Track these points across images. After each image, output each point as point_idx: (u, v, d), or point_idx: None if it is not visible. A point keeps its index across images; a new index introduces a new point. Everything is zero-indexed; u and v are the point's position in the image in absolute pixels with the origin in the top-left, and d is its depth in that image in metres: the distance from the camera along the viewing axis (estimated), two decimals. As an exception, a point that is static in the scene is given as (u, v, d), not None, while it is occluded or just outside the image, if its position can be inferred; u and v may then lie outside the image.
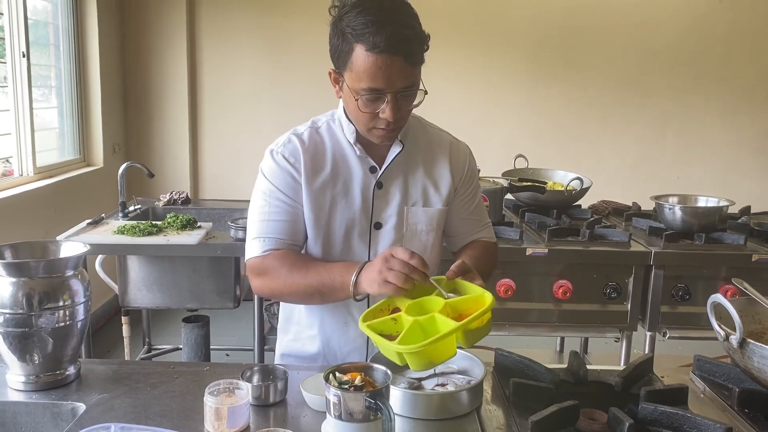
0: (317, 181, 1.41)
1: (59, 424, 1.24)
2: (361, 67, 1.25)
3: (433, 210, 1.47)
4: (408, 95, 1.31)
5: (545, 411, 1.13)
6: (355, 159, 1.43)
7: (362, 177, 1.43)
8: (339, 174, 1.43)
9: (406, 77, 1.27)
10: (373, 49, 1.23)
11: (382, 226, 1.45)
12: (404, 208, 1.45)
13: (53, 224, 3.36)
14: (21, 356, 1.28)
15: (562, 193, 2.81)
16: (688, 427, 1.12)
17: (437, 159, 1.48)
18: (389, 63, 1.24)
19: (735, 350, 1.24)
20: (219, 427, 1.13)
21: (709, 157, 4.80)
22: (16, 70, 3.45)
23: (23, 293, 1.26)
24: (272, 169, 1.42)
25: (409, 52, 1.25)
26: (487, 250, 1.57)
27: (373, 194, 1.43)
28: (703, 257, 2.41)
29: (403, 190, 1.45)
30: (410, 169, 1.46)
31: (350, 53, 1.26)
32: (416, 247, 1.44)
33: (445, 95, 4.68)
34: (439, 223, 1.49)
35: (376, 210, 1.44)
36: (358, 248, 1.45)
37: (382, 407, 1.02)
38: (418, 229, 1.46)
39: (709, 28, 4.64)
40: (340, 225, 1.43)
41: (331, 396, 1.05)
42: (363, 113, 1.31)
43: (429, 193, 1.47)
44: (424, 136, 1.50)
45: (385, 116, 1.29)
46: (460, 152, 1.52)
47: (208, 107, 4.72)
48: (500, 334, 2.42)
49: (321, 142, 1.44)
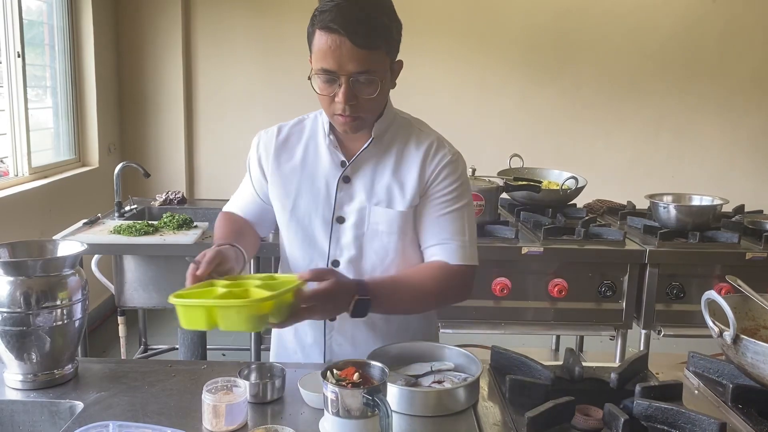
0: (287, 166, 1.46)
1: (57, 422, 1.24)
2: (315, 46, 1.29)
3: (393, 212, 1.41)
4: (365, 83, 1.30)
5: (541, 407, 1.13)
6: (326, 151, 1.44)
7: (330, 169, 1.43)
8: (307, 163, 1.45)
9: (358, 62, 1.27)
10: (323, 28, 1.26)
11: (345, 221, 1.43)
12: (366, 206, 1.42)
13: (48, 224, 3.36)
14: (18, 355, 1.28)
15: (558, 192, 2.83)
16: (683, 422, 1.13)
17: (410, 159, 1.43)
18: (338, 43, 1.25)
19: (729, 346, 1.25)
20: (217, 425, 1.13)
21: (703, 156, 4.82)
22: (10, 70, 3.45)
23: (21, 292, 1.26)
24: (251, 153, 1.53)
25: (356, 33, 1.24)
26: (436, 272, 1.41)
27: (337, 187, 1.43)
28: (698, 256, 2.42)
29: (369, 187, 1.42)
30: (379, 167, 1.43)
31: (313, 35, 1.30)
32: (376, 248, 1.43)
33: (440, 95, 4.70)
34: (401, 227, 1.42)
35: (339, 204, 1.43)
36: (320, 240, 1.45)
37: (379, 404, 1.02)
38: (379, 230, 1.43)
39: (703, 28, 4.66)
40: (305, 214, 1.45)
41: (328, 393, 1.06)
42: (320, 96, 1.33)
43: (393, 194, 1.42)
44: (406, 136, 1.45)
45: (338, 100, 1.30)
46: (438, 154, 1.43)
47: (204, 107, 4.72)
48: (496, 333, 2.43)
49: (300, 132, 1.49)
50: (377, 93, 1.32)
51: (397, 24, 1.34)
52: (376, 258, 1.44)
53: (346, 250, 1.44)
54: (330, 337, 1.48)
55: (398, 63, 1.38)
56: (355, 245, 1.43)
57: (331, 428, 1.07)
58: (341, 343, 1.48)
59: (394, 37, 1.33)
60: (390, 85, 1.39)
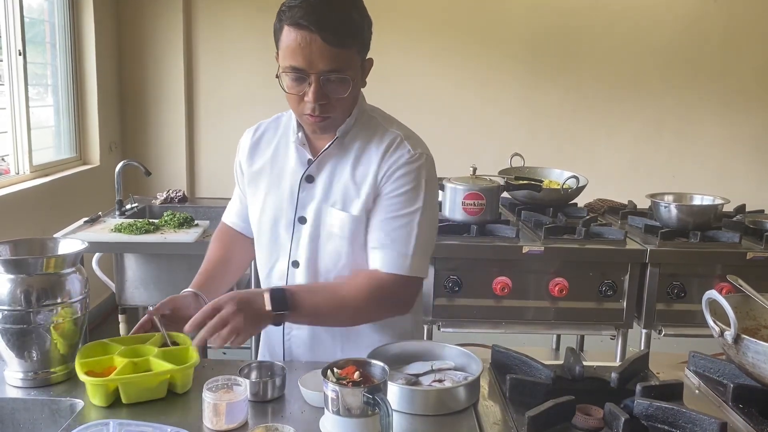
0: (256, 165, 1.46)
1: (58, 420, 1.24)
2: (285, 42, 1.26)
3: (346, 215, 1.36)
4: (336, 82, 1.26)
5: (542, 406, 1.13)
6: (294, 149, 1.41)
7: (295, 167, 1.41)
8: (276, 161, 1.44)
9: (329, 60, 1.23)
10: (292, 24, 1.23)
11: (306, 221, 1.40)
12: (323, 207, 1.38)
13: (49, 223, 3.36)
14: (19, 353, 1.28)
15: (558, 192, 2.82)
16: (684, 422, 1.13)
17: (369, 158, 1.36)
18: (308, 41, 1.22)
19: (730, 346, 1.25)
20: (217, 423, 1.13)
21: (704, 156, 4.82)
22: (12, 68, 3.45)
23: (21, 290, 1.25)
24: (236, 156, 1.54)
25: (328, 30, 1.21)
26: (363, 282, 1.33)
27: (299, 186, 1.40)
28: (699, 255, 2.42)
29: (327, 187, 1.38)
30: (339, 166, 1.38)
31: (281, 31, 1.27)
32: (330, 250, 1.39)
33: (441, 94, 4.70)
34: (352, 231, 1.36)
35: (301, 203, 1.40)
36: (284, 240, 1.43)
37: (380, 402, 1.02)
38: (334, 233, 1.38)
39: (705, 28, 4.66)
40: (270, 212, 1.43)
41: (329, 391, 1.06)
42: (289, 95, 1.30)
43: (349, 195, 1.36)
44: (370, 134, 1.38)
45: (308, 99, 1.27)
46: (396, 152, 1.34)
47: (205, 105, 4.72)
48: (496, 332, 2.43)
49: (275, 129, 1.48)
50: (348, 92, 1.28)
51: (368, 21, 1.30)
52: (329, 261, 1.40)
53: (303, 252, 1.41)
54: (288, 339, 1.48)
55: (369, 61, 1.35)
56: (312, 247, 1.40)
57: (332, 427, 1.07)
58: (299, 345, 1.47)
59: (365, 35, 1.30)
60: (360, 84, 1.35)
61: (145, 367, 1.27)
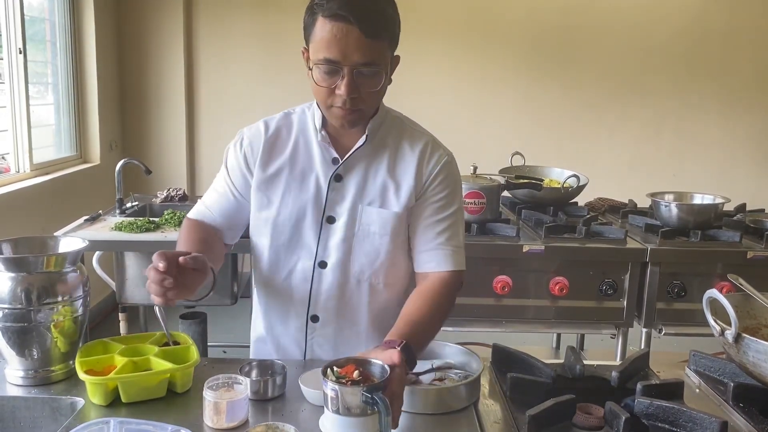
0: (275, 164, 1.40)
1: (58, 418, 1.24)
2: (318, 35, 1.24)
3: (388, 212, 1.37)
4: (369, 75, 1.26)
5: (542, 405, 1.13)
6: (317, 147, 1.39)
7: (321, 166, 1.38)
8: (297, 160, 1.40)
9: (364, 52, 1.22)
10: (329, 15, 1.21)
11: (335, 221, 1.38)
12: (358, 206, 1.37)
13: (50, 221, 3.36)
14: (20, 351, 1.28)
15: (559, 191, 2.83)
16: (684, 421, 1.13)
17: (405, 159, 1.39)
18: (345, 32, 1.21)
19: (730, 345, 1.25)
20: (218, 422, 1.13)
21: (705, 155, 4.82)
22: (12, 66, 3.45)
23: (22, 288, 1.26)
24: (231, 152, 1.45)
25: (365, 21, 1.20)
26: (436, 295, 1.35)
27: (329, 186, 1.38)
28: (699, 254, 2.42)
29: (361, 186, 1.38)
30: (373, 165, 1.39)
31: (313, 24, 1.25)
32: (367, 249, 1.39)
33: (441, 93, 4.70)
34: (394, 228, 1.38)
35: (330, 203, 1.38)
36: (308, 241, 1.39)
37: (378, 401, 1.02)
38: (371, 231, 1.38)
39: (706, 26, 4.66)
40: (291, 212, 1.39)
41: (328, 390, 1.05)
42: (319, 87, 1.27)
43: (388, 194, 1.38)
44: (399, 135, 1.42)
45: (340, 92, 1.25)
46: (434, 156, 1.40)
47: (205, 104, 4.72)
48: (496, 331, 2.43)
49: (288, 127, 1.42)
50: (380, 86, 1.28)
51: (398, 17, 1.31)
52: (365, 260, 1.40)
53: (334, 252, 1.39)
54: (312, 339, 1.45)
55: (396, 58, 1.35)
56: (345, 246, 1.39)
57: (331, 426, 1.07)
58: (322, 344, 1.45)
59: (396, 31, 1.30)
60: (388, 80, 1.34)
61: (145, 366, 1.28)
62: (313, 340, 1.45)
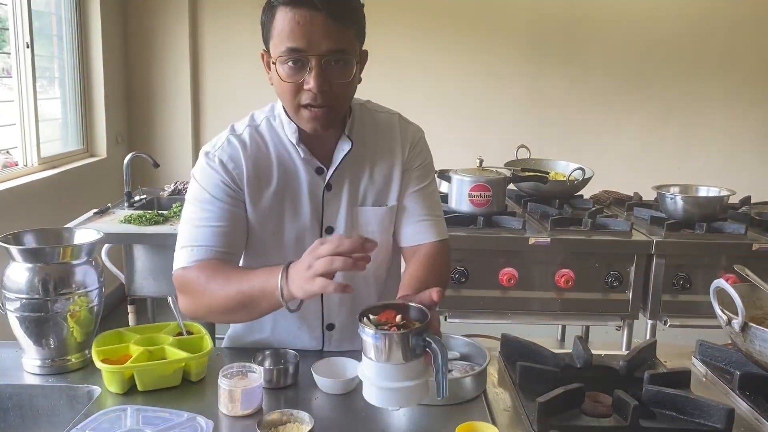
0: (265, 194, 1.30)
1: (75, 406, 1.26)
2: (279, 26, 1.14)
3: (382, 209, 1.36)
4: (339, 66, 1.16)
5: (552, 393, 1.15)
6: (300, 161, 1.30)
7: (309, 181, 1.31)
8: (287, 184, 1.31)
9: (333, 39, 1.13)
10: (288, 4, 1.12)
11: (334, 230, 1.35)
12: (353, 209, 1.34)
13: (57, 214, 3.38)
14: (37, 340, 1.31)
15: (565, 184, 2.84)
16: (691, 408, 1.15)
17: (385, 144, 1.35)
18: (309, 18, 1.11)
19: (737, 334, 1.27)
20: (233, 409, 1.16)
21: (710, 148, 4.82)
22: (19, 60, 3.46)
23: (39, 279, 1.28)
24: (208, 174, 1.30)
25: (331, 4, 1.11)
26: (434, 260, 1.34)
27: (322, 198, 1.33)
28: (704, 246, 2.43)
29: (351, 189, 1.33)
30: (357, 166, 1.34)
31: (272, 19, 1.15)
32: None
33: (447, 85, 4.70)
34: (391, 222, 1.38)
35: (327, 214, 1.33)
36: None
37: (432, 342, 0.97)
38: (370, 230, 1.35)
39: (712, 18, 4.65)
40: (291, 233, 1.33)
41: (373, 339, 0.97)
42: (285, 84, 1.17)
43: (380, 190, 1.35)
44: (372, 124, 1.36)
45: (309, 86, 1.15)
46: (408, 130, 1.38)
47: (211, 97, 4.73)
48: (503, 323, 2.44)
49: (263, 145, 1.31)
50: (351, 78, 1.19)
51: (363, 11, 1.22)
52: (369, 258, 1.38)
53: None
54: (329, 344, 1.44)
55: (364, 53, 1.25)
56: None
57: (375, 376, 1.00)
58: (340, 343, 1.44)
59: (362, 23, 1.21)
60: (359, 75, 1.24)
61: (161, 355, 1.30)
62: (331, 345, 1.45)
